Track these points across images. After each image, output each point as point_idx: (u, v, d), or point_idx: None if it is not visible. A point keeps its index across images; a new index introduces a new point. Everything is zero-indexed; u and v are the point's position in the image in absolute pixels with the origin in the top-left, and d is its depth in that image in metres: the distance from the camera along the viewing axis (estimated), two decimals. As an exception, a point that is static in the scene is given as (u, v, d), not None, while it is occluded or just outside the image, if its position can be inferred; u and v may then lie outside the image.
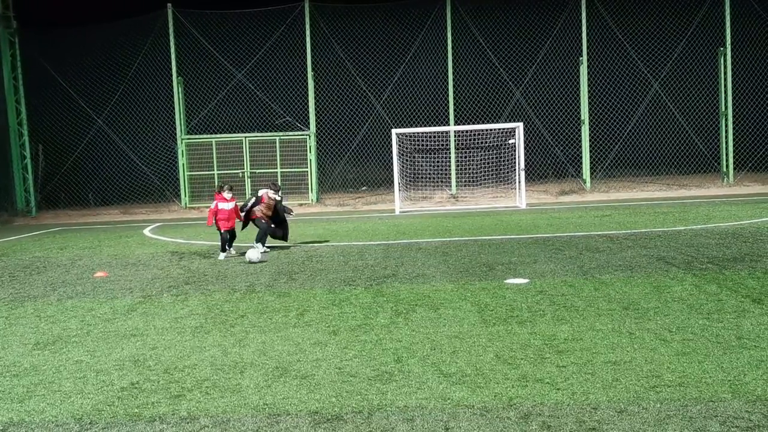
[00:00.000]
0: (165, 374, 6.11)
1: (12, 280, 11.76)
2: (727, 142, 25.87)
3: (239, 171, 26.23)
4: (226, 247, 13.24)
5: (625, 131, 26.00)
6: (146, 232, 19.26)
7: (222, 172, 26.19)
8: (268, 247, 13.68)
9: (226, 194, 13.16)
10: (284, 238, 14.16)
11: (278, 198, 13.93)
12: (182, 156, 26.39)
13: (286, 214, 14.01)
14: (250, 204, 13.83)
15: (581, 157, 26.19)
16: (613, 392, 5.16)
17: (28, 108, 26.98)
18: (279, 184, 16.67)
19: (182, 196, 26.51)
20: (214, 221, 13.17)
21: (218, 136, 26.39)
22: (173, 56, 26.25)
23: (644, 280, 9.17)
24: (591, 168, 26.11)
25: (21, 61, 26.81)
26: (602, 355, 6.06)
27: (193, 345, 7.05)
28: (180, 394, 5.58)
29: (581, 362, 5.89)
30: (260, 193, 13.94)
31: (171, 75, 26.34)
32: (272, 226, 13.82)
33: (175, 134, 26.45)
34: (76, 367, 6.48)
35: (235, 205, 13.30)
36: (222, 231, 13.11)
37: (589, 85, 25.76)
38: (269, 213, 13.72)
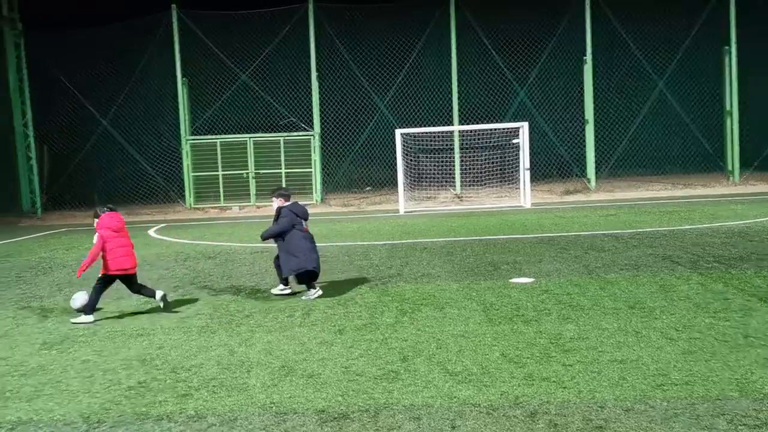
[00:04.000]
0: (172, 373, 6.13)
1: (18, 281, 11.80)
2: (732, 141, 25.78)
3: (244, 171, 26.27)
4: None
5: (630, 130, 25.92)
6: (151, 232, 19.30)
7: (227, 172, 26.25)
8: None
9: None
10: (314, 276, 9.16)
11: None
12: (187, 157, 26.42)
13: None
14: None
15: (586, 157, 26.12)
16: (619, 391, 5.16)
17: (33, 109, 27.05)
18: (286, 186, 11.06)
19: (187, 196, 26.54)
20: None
21: (223, 136, 26.41)
22: (178, 57, 26.28)
23: (650, 279, 9.16)
24: (596, 167, 26.02)
25: (27, 63, 26.87)
26: (608, 353, 6.06)
27: (200, 344, 7.07)
28: (187, 393, 5.60)
29: (587, 361, 5.89)
30: (275, 204, 9.35)
31: (176, 76, 26.36)
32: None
33: (180, 135, 26.50)
34: (83, 366, 6.51)
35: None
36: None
37: (593, 85, 25.69)
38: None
